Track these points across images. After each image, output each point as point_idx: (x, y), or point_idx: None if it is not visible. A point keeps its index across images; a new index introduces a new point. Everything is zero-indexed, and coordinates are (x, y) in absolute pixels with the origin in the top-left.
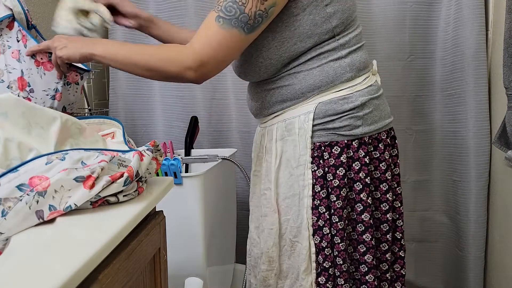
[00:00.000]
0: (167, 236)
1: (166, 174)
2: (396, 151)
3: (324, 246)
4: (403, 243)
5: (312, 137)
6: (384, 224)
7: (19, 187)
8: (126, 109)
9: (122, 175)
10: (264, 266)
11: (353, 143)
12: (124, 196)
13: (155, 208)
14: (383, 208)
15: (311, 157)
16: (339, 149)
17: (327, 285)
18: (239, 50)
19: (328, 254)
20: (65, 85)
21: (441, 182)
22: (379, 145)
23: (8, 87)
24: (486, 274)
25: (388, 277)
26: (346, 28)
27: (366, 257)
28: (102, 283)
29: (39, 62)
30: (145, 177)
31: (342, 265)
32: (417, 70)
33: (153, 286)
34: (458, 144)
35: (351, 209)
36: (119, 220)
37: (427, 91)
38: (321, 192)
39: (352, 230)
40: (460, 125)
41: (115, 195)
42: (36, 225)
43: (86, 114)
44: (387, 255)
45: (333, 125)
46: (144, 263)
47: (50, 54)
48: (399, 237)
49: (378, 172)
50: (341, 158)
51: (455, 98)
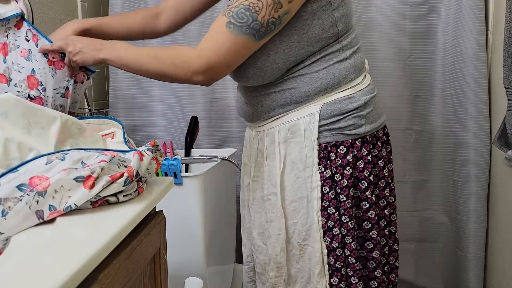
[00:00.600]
0: (167, 236)
1: (166, 174)
2: (390, 147)
3: (335, 246)
4: (397, 236)
5: (318, 138)
6: (382, 220)
7: (19, 187)
8: (126, 109)
9: (122, 175)
10: (272, 273)
11: (357, 142)
12: (124, 196)
13: (155, 208)
14: (381, 204)
15: (318, 158)
16: (344, 148)
17: (340, 285)
18: (247, 55)
19: (339, 254)
20: (73, 84)
21: (441, 182)
22: (378, 142)
23: (16, 85)
24: (486, 274)
25: (386, 270)
26: (347, 30)
27: (373, 254)
28: (102, 283)
29: (51, 61)
30: (145, 177)
31: (355, 264)
32: (417, 70)
33: (153, 286)
34: (458, 144)
35: (356, 208)
36: (119, 220)
37: (427, 91)
38: (330, 193)
39: (358, 228)
40: (460, 125)
41: (115, 195)
42: (36, 225)
43: (86, 114)
44: (385, 249)
45: (338, 125)
46: (144, 263)
47: (62, 54)
48: (393, 231)
49: (376, 169)
50: (347, 157)
51: (455, 98)
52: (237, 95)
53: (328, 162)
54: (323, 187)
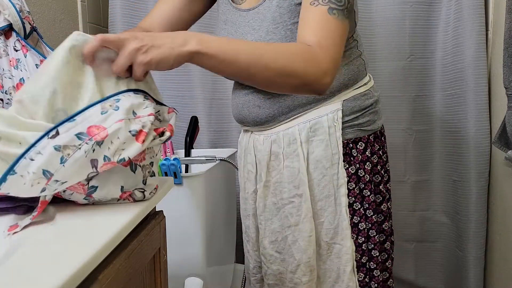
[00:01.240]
0: (167, 236)
1: (166, 174)
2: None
3: (361, 242)
4: (392, 228)
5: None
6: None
7: (78, 136)
8: None
9: (163, 133)
10: (306, 278)
11: (370, 137)
12: (149, 194)
13: (155, 208)
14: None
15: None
16: (363, 144)
17: (365, 280)
18: None
19: (365, 249)
20: None
21: (441, 182)
22: (382, 137)
23: (6, 93)
24: (486, 274)
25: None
26: (355, 26)
27: (385, 245)
28: (102, 283)
29: None
30: (152, 173)
31: (378, 257)
32: (417, 70)
33: (153, 286)
34: (458, 144)
35: None
36: (119, 220)
37: (427, 91)
38: (355, 189)
39: None
40: (460, 125)
41: (142, 191)
42: (36, 224)
43: None
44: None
45: (358, 121)
46: (144, 263)
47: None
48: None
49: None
50: (366, 153)
51: (455, 98)
52: (239, 101)
53: (352, 158)
54: (349, 183)
